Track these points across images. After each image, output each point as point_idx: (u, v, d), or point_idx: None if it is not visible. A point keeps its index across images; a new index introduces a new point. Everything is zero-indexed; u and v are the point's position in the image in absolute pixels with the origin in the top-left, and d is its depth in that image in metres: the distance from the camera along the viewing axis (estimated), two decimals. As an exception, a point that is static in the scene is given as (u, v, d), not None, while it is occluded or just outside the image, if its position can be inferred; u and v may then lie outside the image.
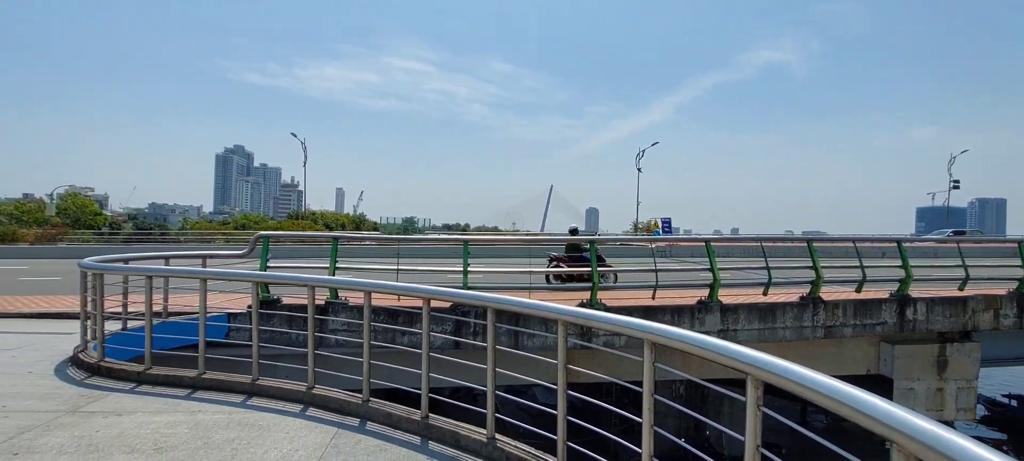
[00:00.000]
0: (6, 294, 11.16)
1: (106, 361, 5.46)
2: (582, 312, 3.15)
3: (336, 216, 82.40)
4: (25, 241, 30.53)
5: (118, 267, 5.94)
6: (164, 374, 5.17)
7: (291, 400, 4.72)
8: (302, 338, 7.76)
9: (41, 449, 3.61)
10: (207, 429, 4.02)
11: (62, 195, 48.60)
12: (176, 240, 40.69)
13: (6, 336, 7.16)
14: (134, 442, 3.75)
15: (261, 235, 8.34)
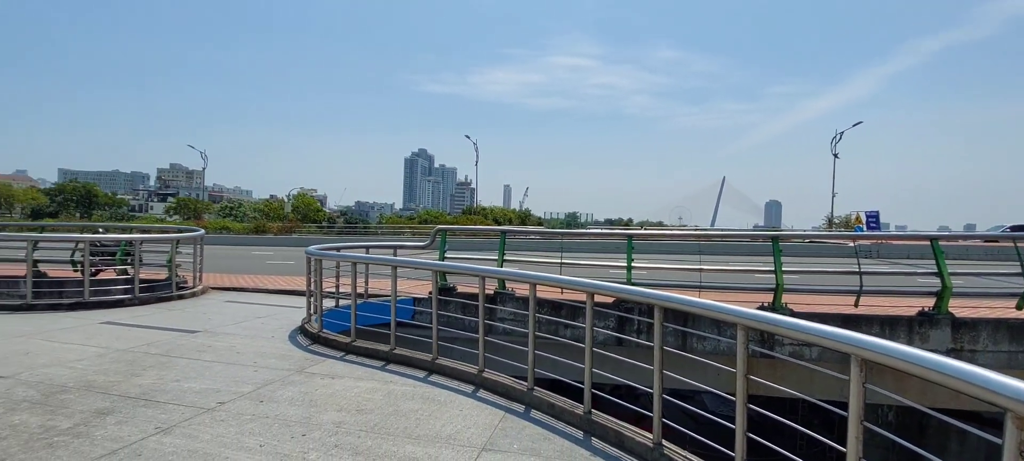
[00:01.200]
0: (259, 274, 14.16)
1: (323, 332, 6.55)
2: (767, 317, 2.79)
3: (503, 211, 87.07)
4: (271, 232, 38.44)
5: (331, 255, 7.09)
6: (364, 346, 6.01)
7: (464, 380, 5.10)
8: (473, 324, 8.39)
9: (278, 399, 4.47)
10: (397, 398, 4.56)
11: (295, 196, 60.11)
12: (374, 232, 47.29)
13: (259, 307, 9.07)
14: (342, 402, 4.43)
15: (440, 229, 9.19)
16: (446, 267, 6.27)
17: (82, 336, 6.57)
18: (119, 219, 55.99)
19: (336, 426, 3.92)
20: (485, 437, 3.81)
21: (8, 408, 4.11)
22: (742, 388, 2.84)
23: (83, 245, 9.49)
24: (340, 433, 3.80)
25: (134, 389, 4.61)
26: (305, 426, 3.91)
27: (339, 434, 3.78)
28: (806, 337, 2.57)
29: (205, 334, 6.84)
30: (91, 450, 3.43)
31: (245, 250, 26.53)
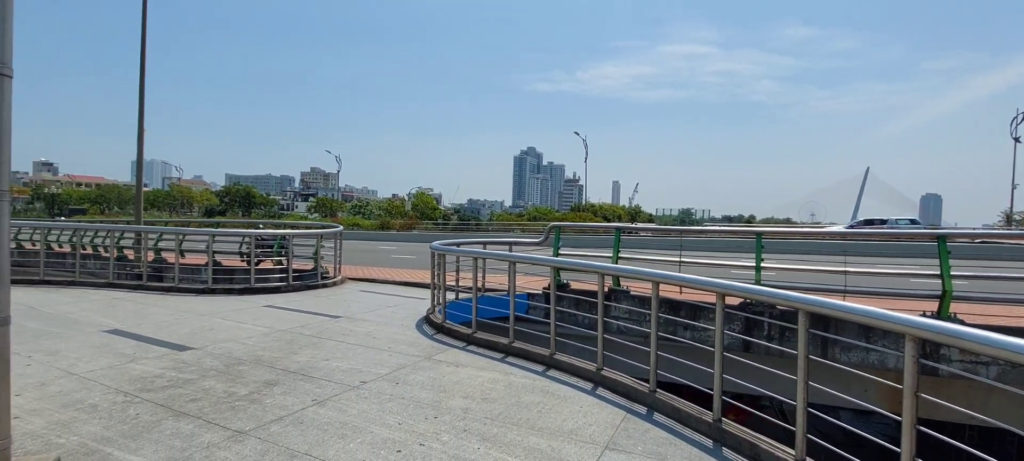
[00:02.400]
0: (385, 266, 15.39)
1: (446, 323, 6.95)
2: (946, 327, 2.43)
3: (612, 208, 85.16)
4: (394, 229, 41.54)
5: (453, 249, 7.49)
6: (485, 338, 6.27)
7: (582, 377, 5.10)
8: (587, 321, 8.36)
9: (411, 383, 4.83)
10: (518, 390, 4.70)
11: (415, 195, 64.37)
12: (485, 229, 48.98)
13: (388, 297, 9.87)
14: (468, 390, 4.67)
15: (554, 226, 9.27)
16: (565, 264, 6.31)
17: (250, 317, 7.66)
18: (272, 217, 64.22)
19: (464, 412, 4.15)
20: (607, 436, 3.79)
21: (200, 374, 4.93)
22: (910, 407, 2.51)
23: (249, 239, 11.04)
24: (468, 418, 4.01)
25: (293, 365, 5.27)
26: (436, 409, 4.18)
27: (467, 420, 4.00)
28: (997, 353, 2.20)
29: (346, 319, 7.60)
30: (263, 415, 3.99)
31: (372, 245, 28.97)
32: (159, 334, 6.48)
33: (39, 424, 3.71)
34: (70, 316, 7.48)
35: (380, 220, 50.24)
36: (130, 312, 7.89)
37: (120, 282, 10.78)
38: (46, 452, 3.24)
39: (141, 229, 12.94)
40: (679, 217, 60.43)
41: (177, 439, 3.53)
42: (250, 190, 79.47)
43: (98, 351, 5.65)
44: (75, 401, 4.18)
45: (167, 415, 3.93)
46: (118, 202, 73.31)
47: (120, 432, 3.62)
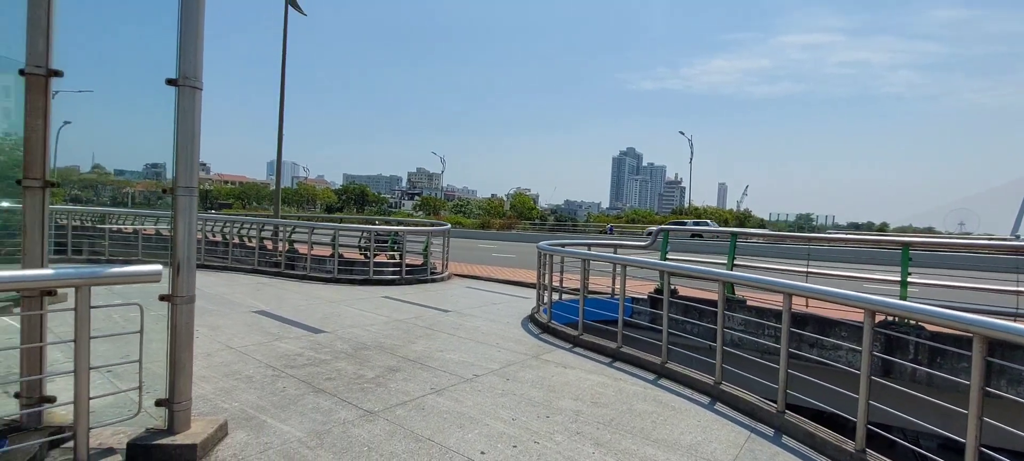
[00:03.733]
0: (487, 264, 15.84)
1: (552, 323, 6.99)
2: None
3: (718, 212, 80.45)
4: (494, 228, 42.63)
5: (559, 250, 7.50)
6: (591, 341, 6.21)
7: (697, 389, 4.85)
8: (698, 330, 7.96)
9: (520, 380, 4.92)
10: (629, 397, 4.58)
11: (513, 195, 65.62)
12: (582, 230, 48.58)
13: (493, 294, 10.15)
14: (577, 392, 4.65)
15: (662, 229, 8.93)
16: (679, 269, 6.04)
17: (371, 306, 8.28)
18: (382, 214, 68.99)
19: (575, 414, 4.13)
20: (731, 455, 3.56)
21: (333, 356, 5.41)
22: None
23: (367, 234, 11.94)
24: (580, 421, 3.99)
25: (412, 353, 5.61)
26: (547, 409, 4.21)
27: (579, 422, 3.98)
28: None
29: (455, 314, 7.94)
30: (388, 398, 4.28)
31: (473, 243, 29.97)
32: (297, 317, 7.23)
33: (208, 389, 4.30)
34: (226, 296, 8.60)
35: (480, 219, 51.88)
36: (272, 296, 8.89)
37: (262, 269, 12.20)
38: (215, 415, 3.74)
39: (278, 222, 14.53)
40: (796, 223, 55.41)
41: (317, 413, 3.90)
42: (364, 189, 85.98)
43: (250, 328, 6.43)
44: (234, 371, 4.79)
45: (308, 390, 4.37)
46: (256, 198, 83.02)
47: (271, 402, 4.09)
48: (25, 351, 3.15)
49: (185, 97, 3.14)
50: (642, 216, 65.73)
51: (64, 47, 3.22)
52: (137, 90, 3.70)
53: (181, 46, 3.13)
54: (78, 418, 2.83)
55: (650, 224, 50.70)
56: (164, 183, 3.55)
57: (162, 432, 3.22)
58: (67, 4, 3.22)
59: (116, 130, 5.28)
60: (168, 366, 3.24)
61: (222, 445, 3.35)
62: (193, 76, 3.16)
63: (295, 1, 17.03)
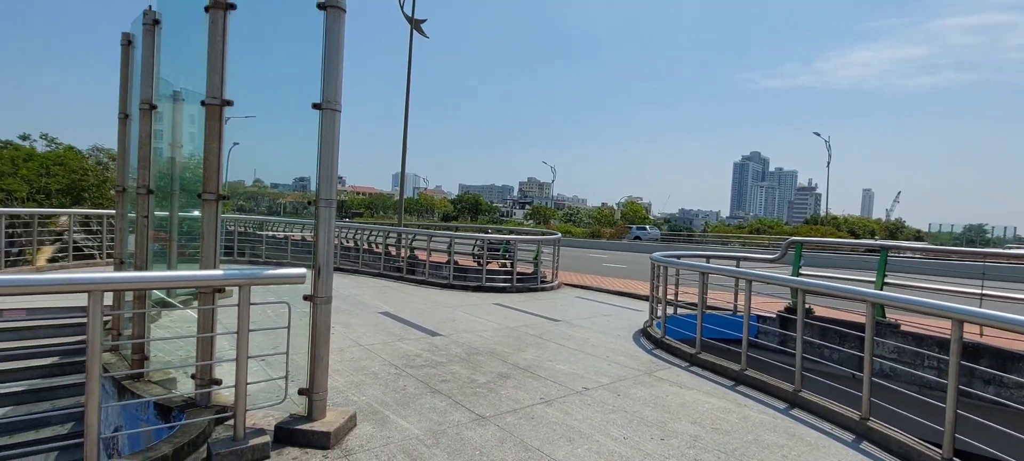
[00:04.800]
0: (597, 274, 15.58)
1: (666, 338, 6.65)
2: None
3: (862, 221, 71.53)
4: (604, 237, 41.94)
5: (674, 262, 7.14)
6: (710, 361, 5.80)
7: (838, 424, 4.29)
8: (838, 355, 7.07)
9: (632, 397, 4.73)
10: (755, 426, 4.19)
11: (624, 203, 64.10)
12: (699, 241, 45.86)
13: (602, 305, 9.95)
14: (695, 415, 4.35)
15: (794, 241, 8.11)
16: (817, 286, 5.41)
17: (484, 312, 8.55)
18: (495, 223, 71.24)
19: (693, 439, 3.87)
20: (882, 503, 3.09)
21: (448, 359, 5.66)
22: None
23: (480, 243, 12.38)
24: (698, 447, 3.73)
25: (522, 361, 5.68)
26: (662, 430, 4.00)
27: (697, 448, 3.72)
28: None
29: (565, 324, 7.90)
30: (499, 404, 4.36)
31: (583, 252, 29.72)
32: (416, 319, 7.70)
33: (340, 382, 4.73)
34: (356, 297, 9.43)
35: (590, 228, 51.35)
36: (395, 299, 9.58)
37: (387, 273, 13.21)
38: (346, 407, 4.10)
39: (401, 230, 15.65)
40: (965, 236, 47.08)
41: (434, 413, 4.10)
42: (478, 198, 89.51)
43: (375, 328, 6.98)
44: (362, 367, 5.22)
45: (426, 390, 4.61)
46: (382, 207, 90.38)
47: (393, 399, 4.38)
48: (201, 339, 3.71)
49: (327, 119, 3.51)
50: (767, 226, 60.39)
51: (232, 81, 3.78)
52: (289, 114, 4.21)
53: (324, 75, 3.50)
54: (237, 400, 3.26)
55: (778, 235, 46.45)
56: (309, 195, 3.97)
57: (302, 418, 3.59)
58: (235, 46, 3.77)
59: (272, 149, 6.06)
60: (309, 359, 3.61)
61: (351, 435, 3.65)
62: (333, 100, 3.52)
63: (419, 26, 18.33)
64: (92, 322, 2.71)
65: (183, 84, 5.10)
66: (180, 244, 5.33)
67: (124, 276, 3.98)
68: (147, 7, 4.41)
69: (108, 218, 12.89)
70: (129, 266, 5.18)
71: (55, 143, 29.35)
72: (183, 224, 5.34)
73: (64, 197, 25.30)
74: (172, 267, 5.22)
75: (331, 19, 3.49)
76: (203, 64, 3.72)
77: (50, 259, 12.47)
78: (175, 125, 5.20)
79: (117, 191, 5.68)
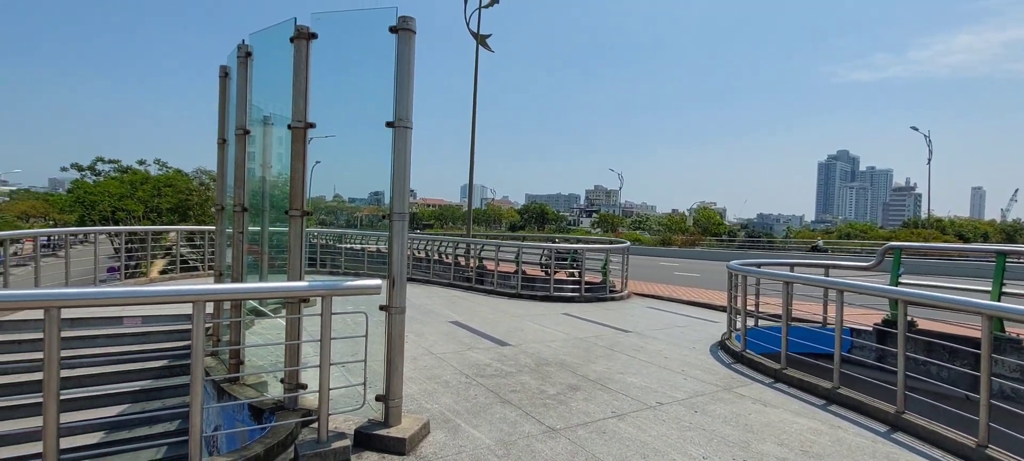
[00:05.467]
0: (668, 283, 15.05)
1: (746, 352, 6.28)
2: None
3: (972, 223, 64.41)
4: (675, 244, 40.53)
5: (754, 271, 6.74)
6: (797, 377, 5.40)
7: (949, 451, 3.84)
8: (947, 373, 6.34)
9: (710, 413, 4.50)
10: (851, 450, 3.85)
11: (696, 210, 61.64)
12: (780, 247, 43.10)
13: (676, 315, 9.59)
14: (781, 436, 4.06)
15: (892, 247, 7.41)
16: (916, 296, 4.90)
17: (552, 322, 8.51)
18: (562, 232, 70.96)
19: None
20: (1010, 545, 2.72)
21: (518, 369, 5.67)
22: None
23: (547, 252, 12.36)
24: (785, 470, 3.48)
25: (592, 373, 5.58)
26: (745, 451, 3.77)
27: (784, 471, 3.46)
28: None
29: (636, 335, 7.68)
30: (570, 417, 4.30)
31: (653, 260, 28.86)
32: (485, 328, 7.80)
33: (414, 390, 4.87)
34: (427, 307, 9.72)
35: (660, 235, 49.82)
36: (464, 308, 9.77)
37: (456, 283, 13.51)
38: (420, 414, 4.21)
39: (470, 241, 15.97)
40: (1105, 237, 40.87)
41: (504, 424, 4.12)
42: (544, 208, 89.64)
43: (446, 337, 7.14)
44: (434, 375, 5.35)
45: (496, 400, 4.64)
46: (451, 218, 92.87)
47: (464, 408, 4.44)
48: (288, 346, 3.96)
49: (399, 136, 3.66)
50: (859, 230, 55.71)
51: (314, 104, 4.03)
52: (364, 132, 4.43)
53: (396, 94, 3.66)
54: (321, 404, 3.45)
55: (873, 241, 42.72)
56: (383, 209, 4.14)
57: (379, 424, 3.73)
58: (316, 71, 4.02)
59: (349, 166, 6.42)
60: (385, 367, 3.75)
61: (425, 442, 3.74)
62: (405, 118, 3.66)
63: (485, 41, 18.75)
64: (196, 329, 2.97)
65: (271, 109, 5.52)
66: (270, 257, 5.74)
67: (223, 287, 4.35)
68: (240, 42, 4.83)
69: (209, 234, 14.17)
70: (227, 278, 5.65)
71: (166, 167, 32.77)
72: (272, 238, 5.76)
73: (173, 215, 28.17)
74: (263, 278, 5.64)
75: (402, 41, 3.65)
76: (288, 89, 4.01)
77: (161, 271, 13.90)
78: (265, 147, 5.62)
79: (217, 209, 6.23)
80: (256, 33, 4.68)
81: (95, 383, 6.68)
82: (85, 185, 31.31)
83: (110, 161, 33.35)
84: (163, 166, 33.16)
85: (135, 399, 6.85)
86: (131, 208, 27.86)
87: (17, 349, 6.92)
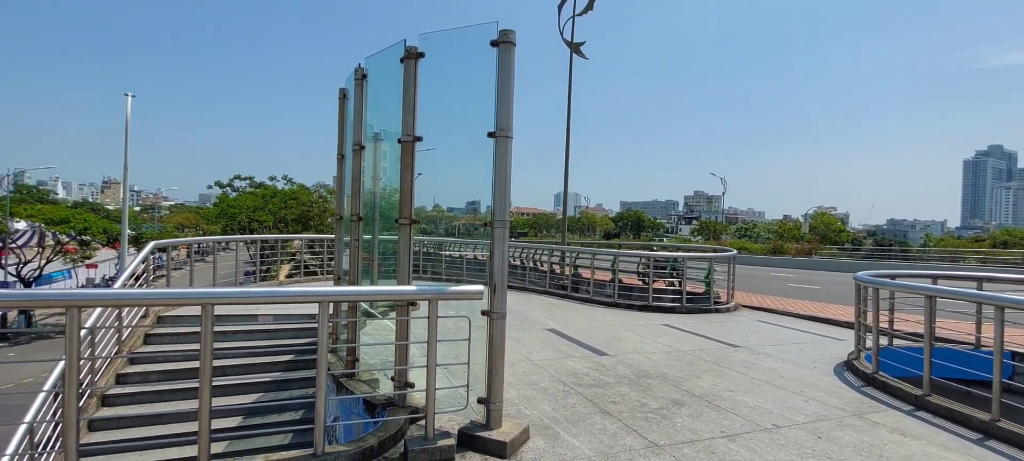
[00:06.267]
0: (781, 296, 13.87)
1: (879, 374, 5.59)
2: None
3: None
4: (789, 253, 37.31)
5: (887, 282, 5.99)
6: (945, 406, 4.70)
7: None
8: None
9: (838, 442, 4.05)
10: (1020, 495, 3.27)
11: (812, 215, 56.28)
12: (918, 257, 37.92)
13: (792, 331, 8.80)
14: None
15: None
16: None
17: (651, 333, 8.21)
18: (659, 239, 68.40)
19: (925, 500, 3.16)
20: None
21: (616, 379, 5.54)
22: None
23: (646, 260, 11.96)
24: (934, 512, 3.03)
25: (697, 388, 5.29)
26: (880, 484, 3.35)
27: (933, 512, 3.02)
28: None
29: (746, 350, 7.16)
30: (675, 433, 4.11)
31: (762, 270, 26.78)
32: (582, 337, 7.72)
33: (513, 395, 4.93)
34: (524, 314, 9.83)
35: (770, 244, 46.11)
36: (560, 316, 9.75)
37: (552, 290, 13.53)
38: (520, 419, 4.25)
39: (565, 248, 15.93)
40: None
41: (604, 435, 4.03)
42: (640, 215, 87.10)
43: (543, 344, 7.17)
44: (532, 382, 5.38)
45: (595, 410, 4.56)
46: (544, 226, 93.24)
47: (564, 416, 4.42)
48: (397, 347, 4.21)
49: (500, 145, 3.75)
50: (1019, 238, 47.40)
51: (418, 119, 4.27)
52: (463, 143, 4.61)
53: (497, 105, 3.76)
54: (428, 403, 3.61)
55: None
56: (479, 217, 4.26)
57: (481, 425, 3.83)
58: (420, 88, 4.26)
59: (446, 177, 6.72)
60: (486, 370, 3.85)
61: (525, 447, 3.77)
62: (506, 128, 3.75)
63: (579, 49, 18.71)
64: (322, 327, 3.26)
65: (380, 126, 5.94)
66: (379, 263, 6.16)
67: (345, 290, 4.74)
68: (357, 65, 5.26)
69: (327, 242, 15.52)
70: (344, 281, 6.15)
71: (291, 182, 36.54)
72: (380, 245, 6.18)
73: (297, 225, 31.31)
74: (374, 283, 6.06)
75: (503, 53, 3.75)
76: (393, 107, 4.29)
77: (287, 275, 15.47)
78: (376, 161, 6.06)
79: (335, 219, 6.82)
80: (370, 57, 5.07)
81: (234, 373, 7.58)
82: (227, 199, 35.83)
83: (245, 178, 37.88)
84: (289, 181, 36.99)
85: (267, 389, 7.67)
86: (263, 219, 31.40)
87: (176, 340, 8.05)
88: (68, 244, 33.69)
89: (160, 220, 68.36)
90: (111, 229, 35.33)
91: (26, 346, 24.71)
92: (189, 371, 7.29)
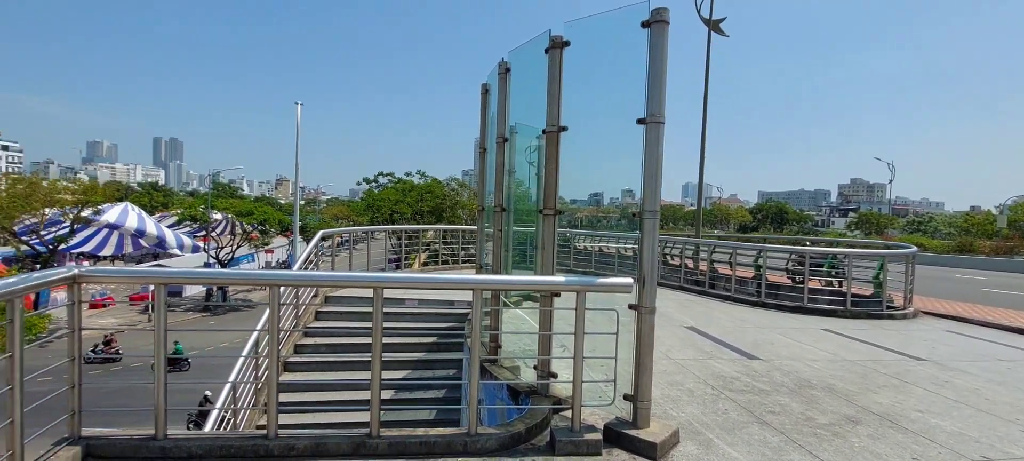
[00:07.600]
0: (973, 302, 11.57)
1: None
2: None
3: None
4: (980, 252, 31.16)
5: None
6: None
7: None
8: None
9: (1083, 487, 3.24)
10: None
11: (1010, 206, 46.20)
12: None
13: (994, 345, 7.29)
14: None
15: None
16: None
17: (809, 338, 7.35)
18: (805, 233, 61.41)
19: None
20: None
21: (773, 387, 5.03)
22: None
23: (799, 256, 10.75)
24: None
25: (875, 405, 4.60)
26: None
27: None
28: None
29: (933, 365, 6.09)
30: (852, 454, 3.60)
31: (944, 271, 22.72)
32: (726, 338, 7.17)
33: (657, 394, 4.72)
34: (659, 310, 9.40)
35: (954, 240, 38.87)
36: (699, 313, 9.17)
37: (686, 286, 12.81)
38: (667, 420, 4.05)
39: (699, 242, 14.99)
40: None
41: (765, 448, 3.67)
42: (782, 206, 79.00)
43: (683, 343, 6.79)
44: (676, 382, 5.11)
45: (751, 419, 4.19)
46: (672, 219, 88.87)
47: (715, 421, 4.12)
48: (541, 336, 4.25)
49: (651, 132, 3.58)
50: None
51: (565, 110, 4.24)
52: (610, 132, 4.49)
53: (648, 89, 3.58)
54: (574, 394, 3.59)
55: None
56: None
57: (627, 423, 3.71)
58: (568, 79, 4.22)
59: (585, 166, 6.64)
60: (633, 367, 3.72)
61: (676, 451, 3.58)
62: (658, 113, 3.56)
63: (718, 26, 17.37)
64: (475, 312, 3.40)
65: (516, 118, 6.04)
66: (513, 253, 6.30)
67: (499, 279, 4.92)
68: (500, 59, 5.40)
69: (461, 232, 16.37)
70: (486, 271, 6.40)
71: (426, 177, 39.30)
72: (515, 236, 6.31)
73: (431, 217, 33.64)
74: (508, 273, 6.22)
75: (655, 34, 3.55)
76: (535, 98, 4.30)
77: (423, 264, 16.64)
78: (512, 153, 6.20)
79: (478, 210, 7.12)
80: (514, 50, 5.16)
81: (388, 351, 8.33)
82: (372, 194, 39.66)
83: (387, 174, 41.54)
84: (424, 176, 39.82)
85: (414, 367, 8.32)
86: (402, 211, 34.27)
87: (341, 318, 9.08)
88: (252, 232, 39.92)
89: (320, 212, 77.93)
90: (284, 220, 41.15)
91: (223, 316, 29.84)
92: (352, 346, 8.17)
